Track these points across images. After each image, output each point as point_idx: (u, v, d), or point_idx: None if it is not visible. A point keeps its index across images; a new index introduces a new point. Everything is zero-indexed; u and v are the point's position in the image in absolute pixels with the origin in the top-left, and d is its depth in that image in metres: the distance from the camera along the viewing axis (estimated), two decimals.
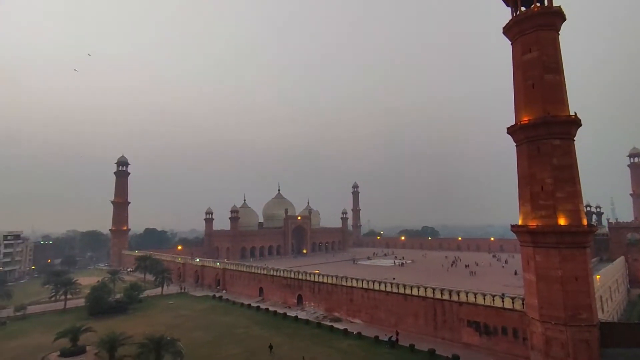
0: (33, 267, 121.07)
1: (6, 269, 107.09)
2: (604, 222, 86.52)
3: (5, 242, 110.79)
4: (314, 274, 64.36)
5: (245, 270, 79.05)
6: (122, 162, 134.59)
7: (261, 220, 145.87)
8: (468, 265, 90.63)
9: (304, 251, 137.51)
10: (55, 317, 59.57)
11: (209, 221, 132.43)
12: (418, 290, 48.73)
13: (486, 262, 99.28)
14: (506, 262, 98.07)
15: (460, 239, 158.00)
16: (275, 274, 71.24)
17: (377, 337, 45.61)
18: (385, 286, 52.60)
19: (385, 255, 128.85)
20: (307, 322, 54.17)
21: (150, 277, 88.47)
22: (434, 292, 47.04)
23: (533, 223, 36.06)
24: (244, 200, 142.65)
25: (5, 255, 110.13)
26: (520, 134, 38.01)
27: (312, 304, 62.84)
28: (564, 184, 35.68)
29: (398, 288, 50.95)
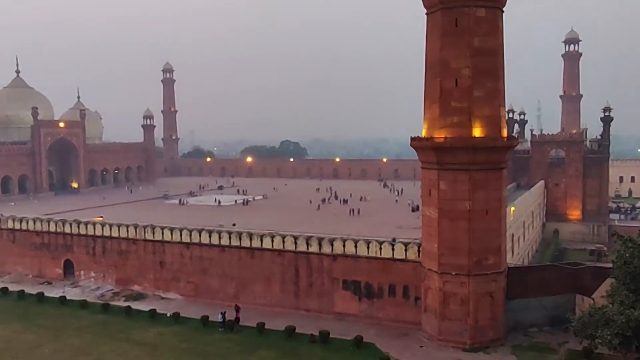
0: None
1: None
2: (527, 135, 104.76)
3: None
4: (95, 224, 63.94)
5: None
6: None
7: None
8: (347, 200, 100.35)
9: (75, 185, 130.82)
10: None
11: None
12: (272, 241, 52.37)
13: (375, 194, 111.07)
14: (401, 192, 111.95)
15: (338, 160, 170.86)
16: (17, 227, 68.61)
17: (206, 318, 48.44)
18: (220, 237, 54.95)
19: (220, 188, 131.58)
20: (83, 304, 54.48)
21: None
22: (295, 243, 51.25)
23: (441, 134, 41.48)
24: None
25: None
26: None
27: (93, 275, 63.14)
28: (484, 78, 41.37)
29: (240, 239, 53.88)
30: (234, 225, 65.71)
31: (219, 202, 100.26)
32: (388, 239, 49.66)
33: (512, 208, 58.27)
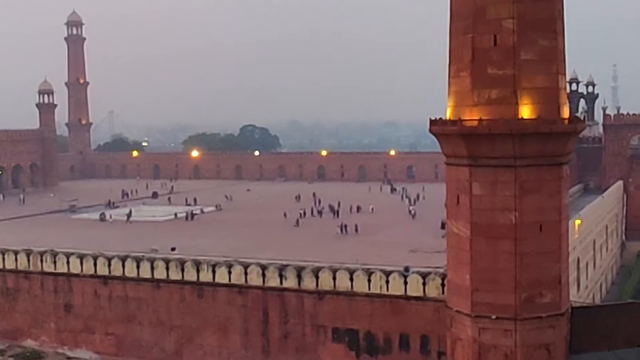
0: None
1: None
2: (599, 115, 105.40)
3: None
4: None
5: None
6: None
7: None
8: (337, 212, 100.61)
9: None
10: None
11: None
12: (229, 273, 52.44)
13: (378, 202, 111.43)
14: (416, 201, 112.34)
15: (325, 153, 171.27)
16: None
17: None
18: (154, 267, 54.99)
19: (154, 195, 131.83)
20: None
21: None
22: (264, 275, 51.33)
23: (473, 115, 41.55)
24: None
25: None
26: None
27: None
28: (536, 33, 41.41)
29: (183, 270, 53.99)
30: (173, 250, 65.62)
31: (130, 215, 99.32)
32: (398, 268, 49.79)
33: (578, 221, 58.64)
